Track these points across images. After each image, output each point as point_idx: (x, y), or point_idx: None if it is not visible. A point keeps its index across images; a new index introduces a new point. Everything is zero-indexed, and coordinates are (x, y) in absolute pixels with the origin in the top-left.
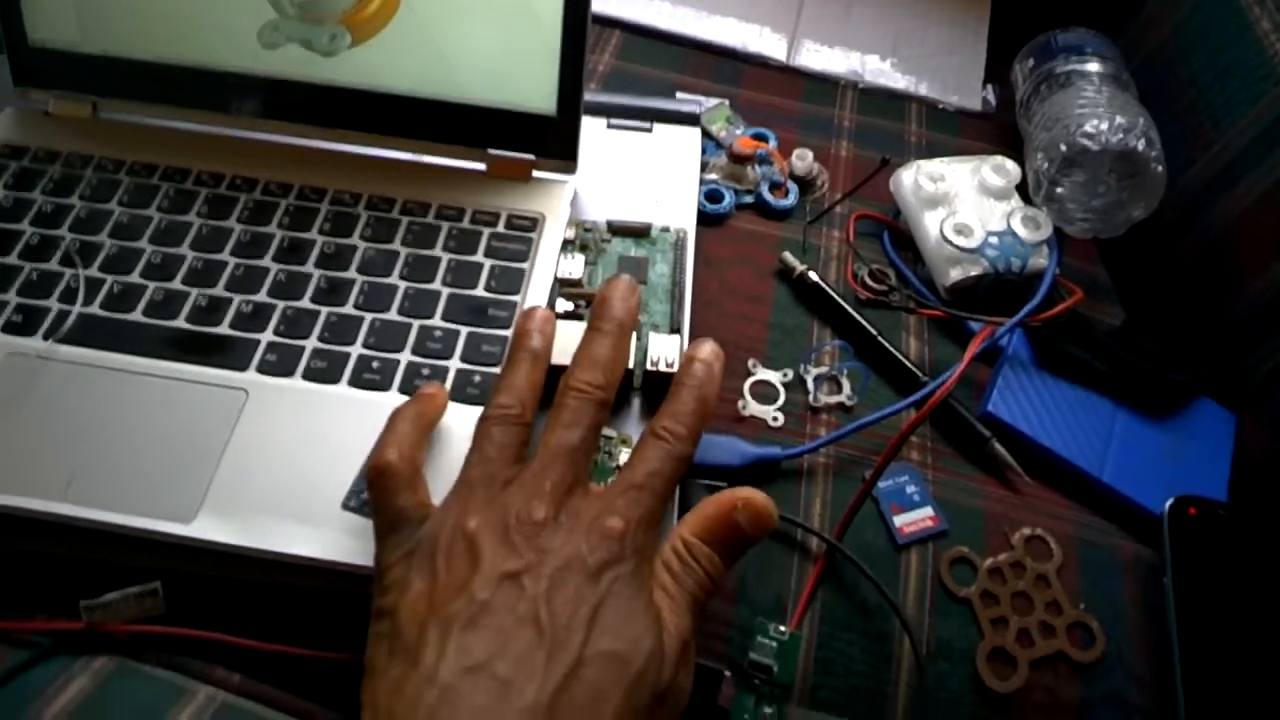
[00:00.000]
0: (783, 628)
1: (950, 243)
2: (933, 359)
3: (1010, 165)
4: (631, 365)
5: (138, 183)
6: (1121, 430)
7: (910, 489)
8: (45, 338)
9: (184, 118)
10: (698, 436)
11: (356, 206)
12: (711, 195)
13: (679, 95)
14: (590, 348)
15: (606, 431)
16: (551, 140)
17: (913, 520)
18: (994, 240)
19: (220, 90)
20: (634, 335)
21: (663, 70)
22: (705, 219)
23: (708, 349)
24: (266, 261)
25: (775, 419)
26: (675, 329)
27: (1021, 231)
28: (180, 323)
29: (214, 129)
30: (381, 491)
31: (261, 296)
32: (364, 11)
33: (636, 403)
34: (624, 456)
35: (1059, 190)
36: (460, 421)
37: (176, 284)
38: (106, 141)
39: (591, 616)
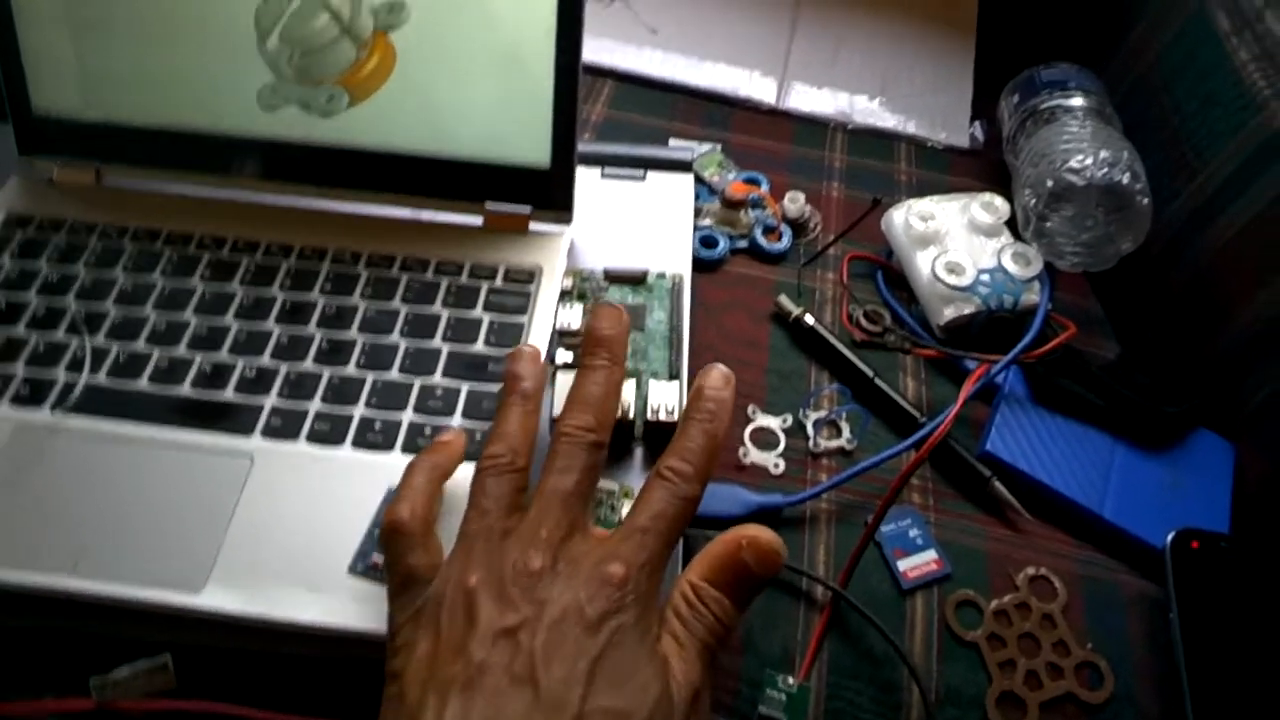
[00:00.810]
0: (791, 679)
1: (943, 281)
2: (930, 399)
3: (999, 202)
4: (631, 415)
5: (142, 248)
6: (1120, 465)
7: (913, 532)
8: (53, 409)
9: (186, 181)
10: (706, 476)
11: (356, 265)
12: (706, 241)
13: (671, 142)
14: (581, 387)
15: (607, 484)
16: (547, 192)
17: (917, 564)
18: (986, 278)
19: (221, 153)
20: (631, 376)
21: (655, 117)
22: (700, 264)
23: (717, 375)
24: (269, 324)
25: (777, 466)
26: (674, 375)
27: (1012, 268)
28: (185, 389)
29: (216, 192)
30: (393, 550)
31: (265, 360)
32: (360, 73)
33: (639, 453)
34: (626, 509)
35: (1048, 225)
36: (469, 477)
37: (181, 350)
38: (110, 208)
39: (590, 670)
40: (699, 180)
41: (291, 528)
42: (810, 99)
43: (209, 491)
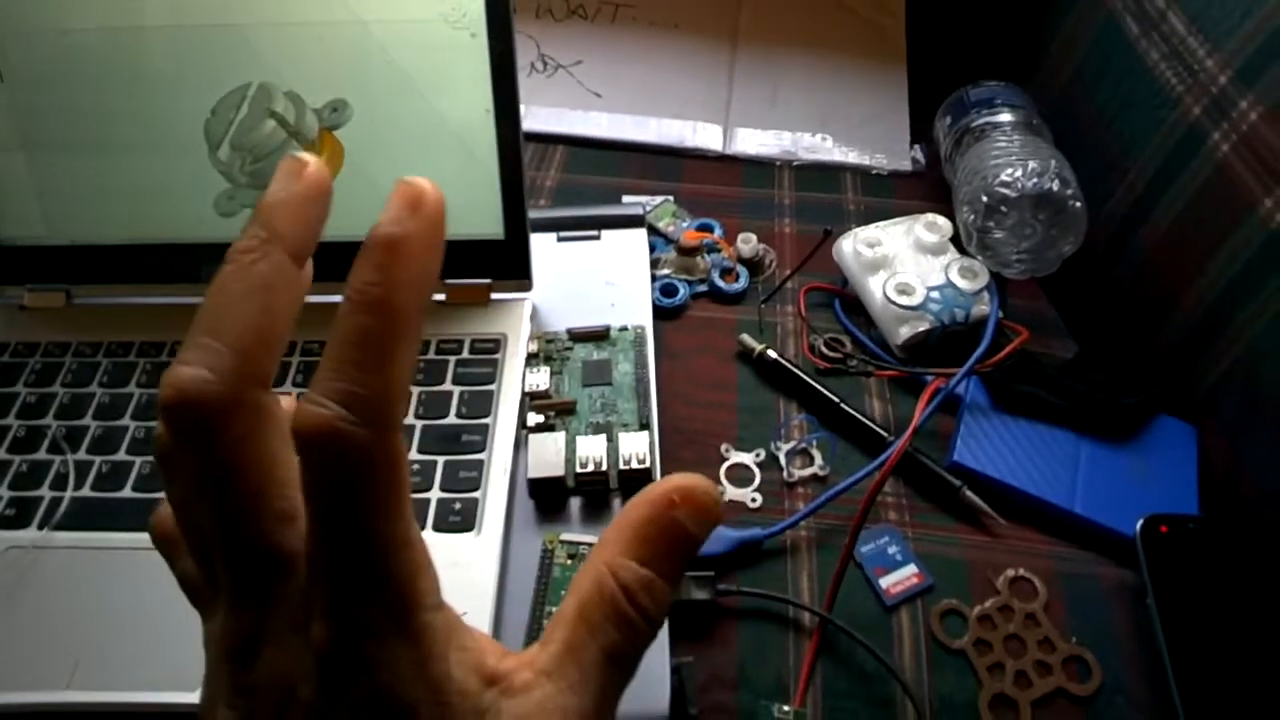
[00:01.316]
0: (786, 707)
1: (895, 303)
2: (897, 417)
3: (941, 221)
4: (605, 467)
5: (115, 362)
6: (1087, 460)
7: (892, 549)
8: (40, 527)
9: (153, 293)
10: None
11: None
12: (666, 289)
13: (625, 199)
14: (207, 298)
15: (587, 537)
16: (504, 262)
17: (898, 580)
18: (936, 294)
19: (185, 261)
20: (602, 430)
21: (608, 176)
22: (663, 313)
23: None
24: None
25: (754, 500)
26: (644, 425)
27: (961, 282)
28: None
29: (184, 299)
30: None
31: None
32: None
33: (616, 504)
34: None
35: (989, 237)
36: (446, 552)
37: None
38: (82, 327)
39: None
40: (654, 232)
41: None
42: (755, 141)
43: None
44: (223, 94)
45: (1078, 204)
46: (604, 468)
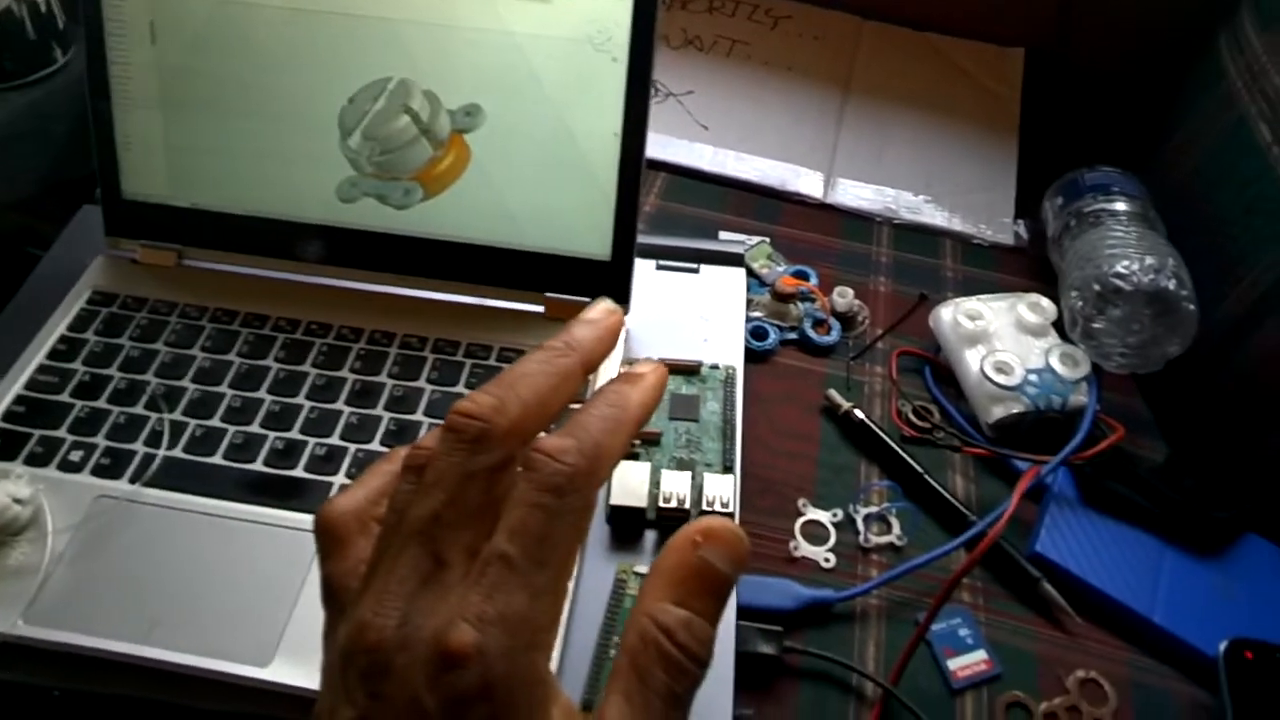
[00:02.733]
0: None
1: (991, 381)
2: (979, 497)
3: (1045, 303)
4: (688, 505)
5: (219, 329)
6: (1170, 569)
7: (963, 631)
8: (132, 480)
9: (263, 265)
10: (601, 461)
11: (423, 350)
12: (757, 332)
13: (722, 235)
14: (508, 370)
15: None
16: (606, 284)
17: (966, 664)
18: (1034, 378)
19: (298, 240)
20: (686, 468)
21: (705, 209)
22: (751, 355)
23: (646, 363)
24: (339, 405)
25: (827, 560)
26: (728, 468)
27: (1060, 369)
28: (258, 465)
29: (291, 276)
30: (319, 550)
31: (334, 440)
32: (436, 169)
33: None
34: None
35: (1095, 327)
36: None
37: (255, 427)
38: (190, 289)
39: None
40: (749, 272)
41: None
42: (856, 194)
43: (278, 566)
44: (364, 84)
45: (1191, 306)
46: (686, 505)
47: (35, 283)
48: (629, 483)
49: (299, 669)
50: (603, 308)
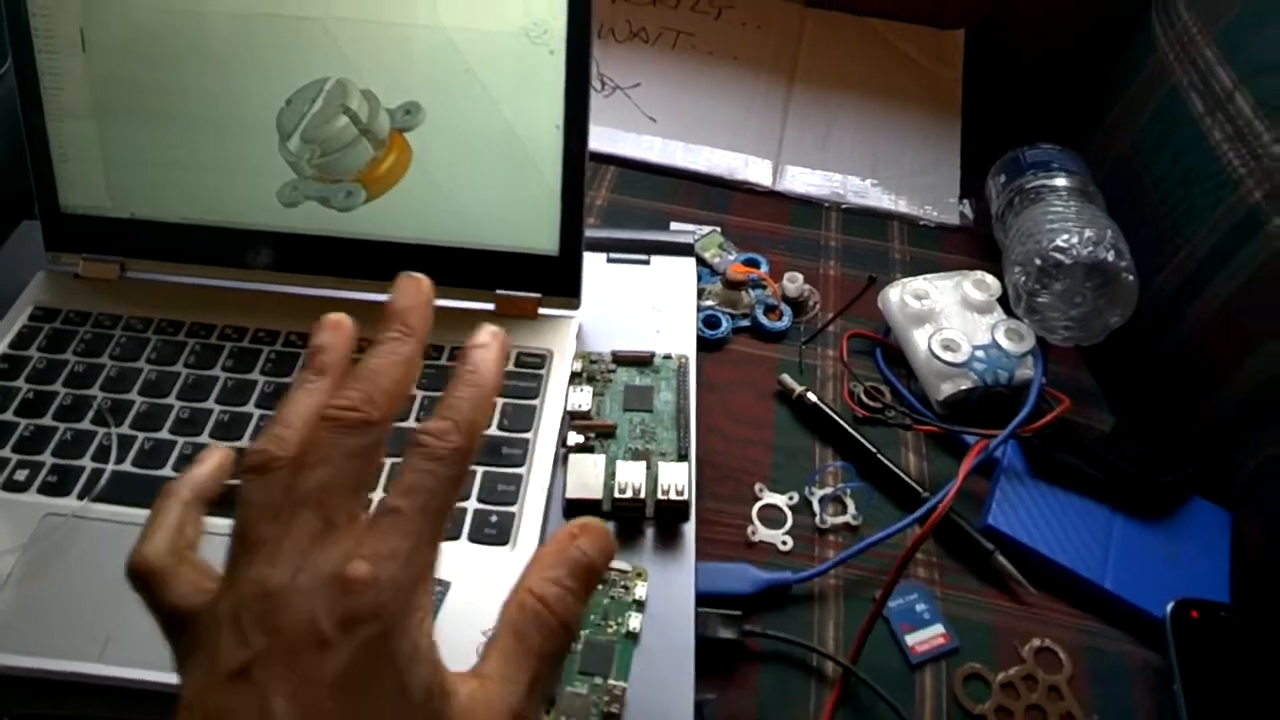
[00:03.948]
0: None
1: (939, 358)
2: (931, 473)
3: (990, 280)
4: (642, 495)
5: (165, 340)
6: (1119, 535)
7: (920, 607)
8: (80, 497)
9: (207, 274)
10: (472, 432)
11: None
12: (709, 321)
13: (673, 225)
14: (362, 362)
15: (620, 565)
16: (556, 278)
17: (924, 639)
18: (981, 354)
19: (242, 247)
20: (640, 458)
21: (656, 200)
22: (704, 344)
23: (485, 334)
24: None
25: (784, 543)
26: (683, 456)
27: (1006, 344)
28: None
29: (237, 283)
30: (145, 597)
31: None
32: (378, 170)
33: (650, 534)
34: (641, 590)
35: (1038, 301)
36: (479, 564)
37: (204, 438)
38: (134, 301)
39: (333, 701)
40: (700, 262)
41: None
42: (804, 180)
43: None
44: (300, 86)
45: (1130, 277)
46: (642, 495)
47: None
48: (584, 475)
49: None
50: (409, 282)
